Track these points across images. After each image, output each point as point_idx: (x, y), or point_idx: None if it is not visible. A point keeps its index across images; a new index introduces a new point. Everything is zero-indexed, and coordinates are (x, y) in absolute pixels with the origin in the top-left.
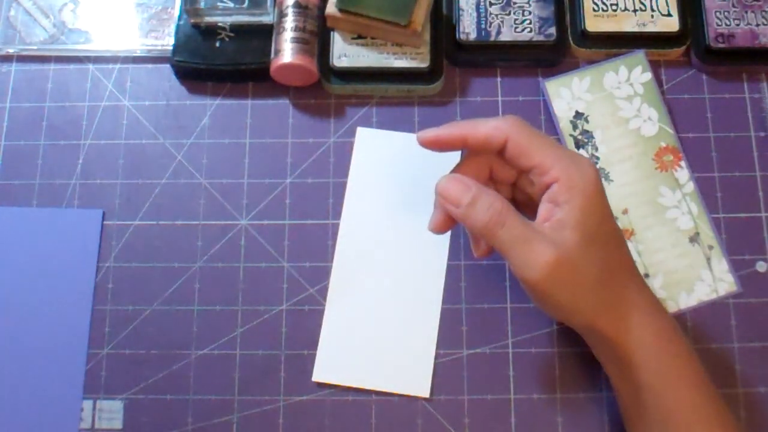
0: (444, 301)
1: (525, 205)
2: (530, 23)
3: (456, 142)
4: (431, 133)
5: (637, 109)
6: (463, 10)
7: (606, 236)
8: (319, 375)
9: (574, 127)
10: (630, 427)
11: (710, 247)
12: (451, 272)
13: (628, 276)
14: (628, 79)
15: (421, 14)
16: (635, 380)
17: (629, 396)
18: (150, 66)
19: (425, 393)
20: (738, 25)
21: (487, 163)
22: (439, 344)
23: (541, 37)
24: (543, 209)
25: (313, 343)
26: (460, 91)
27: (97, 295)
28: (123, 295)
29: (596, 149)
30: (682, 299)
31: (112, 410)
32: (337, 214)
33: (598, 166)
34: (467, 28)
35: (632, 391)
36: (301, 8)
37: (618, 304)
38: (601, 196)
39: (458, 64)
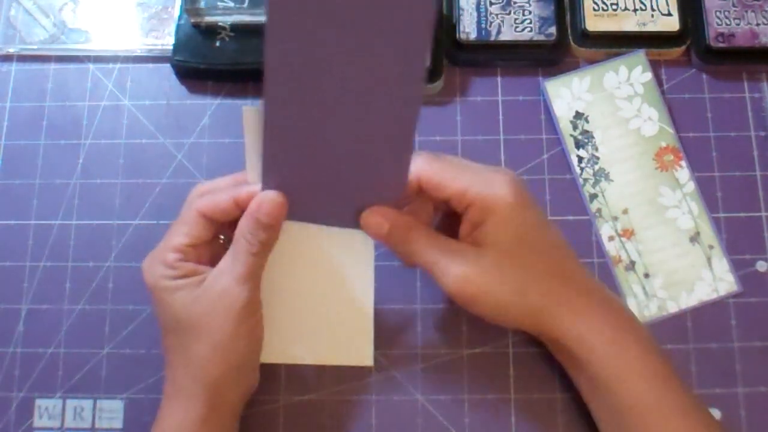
0: (444, 301)
1: None
2: (530, 23)
3: None
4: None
5: (637, 109)
6: (463, 10)
7: (528, 247)
8: (265, 357)
9: (574, 127)
10: (597, 423)
11: (710, 247)
12: None
13: (558, 281)
14: (628, 79)
15: None
16: (587, 376)
17: (588, 394)
18: (150, 66)
19: (369, 362)
20: (738, 24)
21: (426, 205)
22: (440, 344)
23: (541, 37)
24: (462, 230)
25: None
26: (460, 91)
27: (97, 295)
28: (123, 295)
29: (596, 149)
30: (683, 299)
31: (112, 410)
32: None
33: (598, 167)
34: (467, 28)
35: (588, 388)
36: None
37: (549, 307)
38: (518, 212)
39: (458, 63)
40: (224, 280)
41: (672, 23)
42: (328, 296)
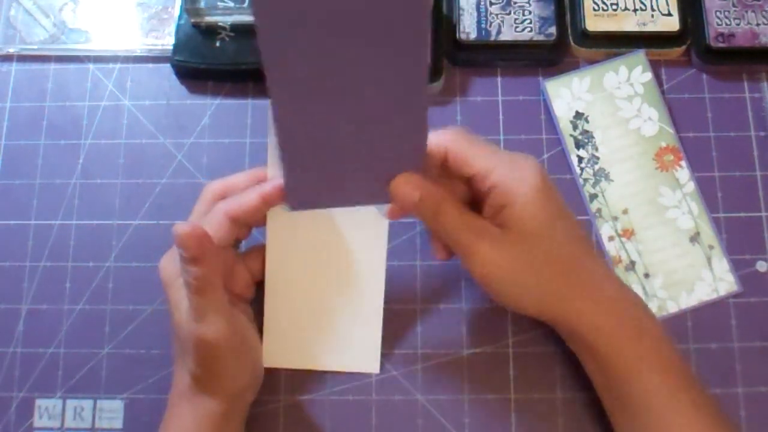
0: (444, 301)
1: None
2: (530, 23)
3: None
4: None
5: (637, 109)
6: (463, 10)
7: (551, 234)
8: (268, 360)
9: (574, 127)
10: (610, 416)
11: (711, 247)
12: (451, 272)
13: (579, 269)
14: (628, 79)
15: None
16: (602, 368)
17: (602, 387)
18: (150, 66)
19: (375, 369)
20: (738, 24)
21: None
22: (440, 344)
23: (541, 37)
24: (484, 213)
25: None
26: (460, 91)
27: (97, 295)
28: (123, 295)
29: (596, 149)
30: (683, 299)
31: (112, 410)
32: None
33: (598, 167)
34: (467, 28)
35: (603, 381)
36: None
37: (569, 295)
38: (544, 196)
39: (458, 63)
40: (188, 324)
41: (672, 23)
42: (337, 302)
